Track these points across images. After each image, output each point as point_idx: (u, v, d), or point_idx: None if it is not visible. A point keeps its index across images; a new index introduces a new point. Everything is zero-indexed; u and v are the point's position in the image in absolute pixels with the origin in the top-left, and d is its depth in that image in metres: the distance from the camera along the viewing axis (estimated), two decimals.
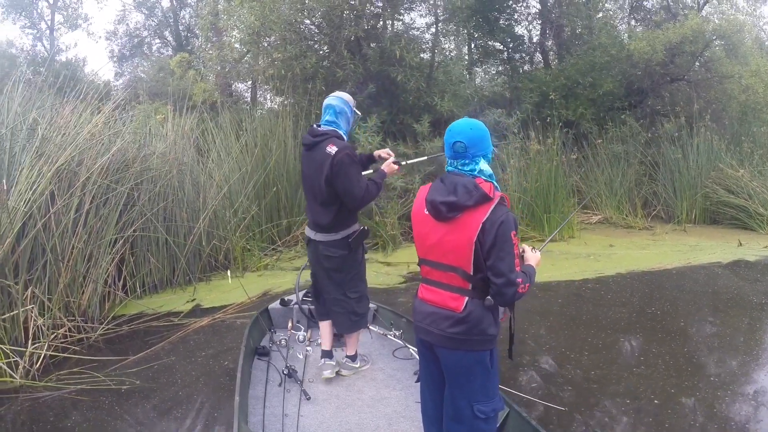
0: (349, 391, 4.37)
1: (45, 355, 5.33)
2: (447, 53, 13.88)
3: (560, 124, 11.65)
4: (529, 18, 15.04)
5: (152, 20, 20.90)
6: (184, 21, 21.02)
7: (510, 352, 3.01)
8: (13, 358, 5.15)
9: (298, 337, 5.19)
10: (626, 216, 11.56)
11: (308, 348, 5.04)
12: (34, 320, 5.52)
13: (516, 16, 14.64)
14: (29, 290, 5.71)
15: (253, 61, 12.34)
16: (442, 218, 2.75)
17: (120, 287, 7.08)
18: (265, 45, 11.89)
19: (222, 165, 9.65)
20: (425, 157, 7.51)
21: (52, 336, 5.61)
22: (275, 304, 5.62)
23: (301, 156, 4.49)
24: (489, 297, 2.75)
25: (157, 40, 21.43)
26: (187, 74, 13.88)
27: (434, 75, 12.25)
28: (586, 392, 4.75)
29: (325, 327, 4.67)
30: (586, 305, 6.90)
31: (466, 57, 14.74)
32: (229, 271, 7.98)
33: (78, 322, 6.09)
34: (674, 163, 11.79)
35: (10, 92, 7.02)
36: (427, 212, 2.82)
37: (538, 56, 15.38)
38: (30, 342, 5.37)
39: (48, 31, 21.23)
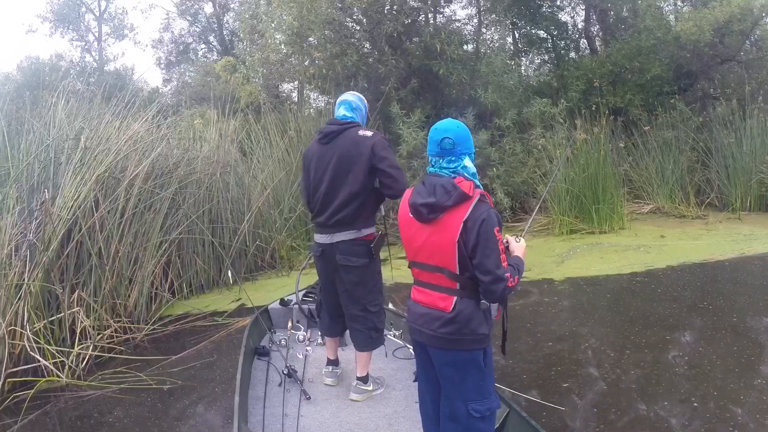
0: (349, 391, 4.37)
1: (90, 355, 5.51)
2: (490, 44, 13.68)
3: (607, 112, 11.35)
4: (573, 4, 14.67)
5: (196, 26, 21.29)
6: (227, 25, 21.33)
7: (503, 348, 3.02)
8: (59, 358, 5.34)
9: (298, 337, 5.17)
10: (678, 205, 11.18)
11: (308, 348, 5.02)
12: (81, 321, 5.70)
13: (559, 3, 14.28)
14: (76, 293, 5.91)
15: (296, 62, 12.43)
16: (424, 220, 2.77)
17: (166, 288, 7.24)
18: (306, 45, 11.96)
19: (266, 165, 9.75)
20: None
21: (99, 337, 5.79)
22: (275, 304, 5.60)
23: (312, 153, 4.14)
24: (483, 300, 2.75)
25: (203, 46, 21.84)
26: (233, 77, 14.06)
27: (478, 67, 12.10)
28: (620, 393, 4.56)
29: (332, 341, 4.50)
30: (635, 300, 6.69)
31: (511, 47, 14.50)
32: (230, 272, 8.02)
33: (125, 323, 6.28)
34: (727, 148, 11.33)
35: (55, 104, 7.25)
36: (411, 215, 2.83)
37: (584, 43, 15.01)
38: (77, 343, 5.55)
39: (96, 43, 21.83)
